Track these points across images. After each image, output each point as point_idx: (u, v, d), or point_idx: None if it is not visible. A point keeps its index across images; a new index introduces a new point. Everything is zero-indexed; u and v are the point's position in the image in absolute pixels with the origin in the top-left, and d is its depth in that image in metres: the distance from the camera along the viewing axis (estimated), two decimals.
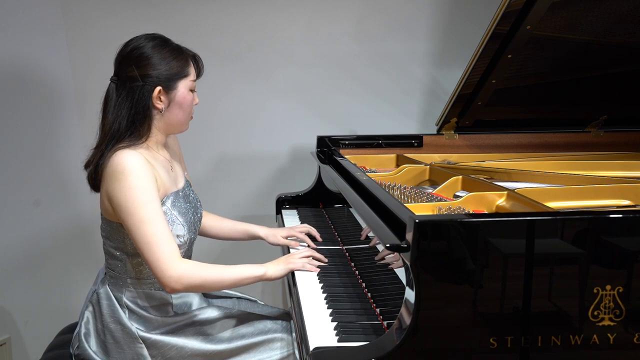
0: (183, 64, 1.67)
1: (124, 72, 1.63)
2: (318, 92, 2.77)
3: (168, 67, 1.63)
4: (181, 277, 1.52)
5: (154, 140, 1.69)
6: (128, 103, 1.62)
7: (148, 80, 1.61)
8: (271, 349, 1.65)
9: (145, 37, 1.66)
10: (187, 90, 1.68)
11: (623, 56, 2.16)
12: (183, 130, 1.75)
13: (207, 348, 1.63)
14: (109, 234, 1.66)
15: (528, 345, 1.16)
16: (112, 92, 1.65)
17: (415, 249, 1.13)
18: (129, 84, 1.62)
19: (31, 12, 2.52)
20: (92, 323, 1.68)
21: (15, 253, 2.53)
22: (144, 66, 1.62)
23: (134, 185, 1.53)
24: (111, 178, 1.56)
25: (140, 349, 1.61)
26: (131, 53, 1.64)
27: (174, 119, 1.68)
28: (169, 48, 1.66)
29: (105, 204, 1.62)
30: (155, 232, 1.52)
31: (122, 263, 1.66)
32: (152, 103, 1.63)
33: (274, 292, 2.94)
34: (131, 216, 1.52)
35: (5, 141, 2.46)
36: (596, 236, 1.17)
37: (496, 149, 2.46)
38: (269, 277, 1.65)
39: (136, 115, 1.62)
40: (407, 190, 1.77)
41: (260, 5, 2.69)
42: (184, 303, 1.72)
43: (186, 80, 1.67)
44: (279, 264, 1.68)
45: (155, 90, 1.62)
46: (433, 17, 2.72)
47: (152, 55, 1.63)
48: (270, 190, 2.73)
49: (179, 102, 1.66)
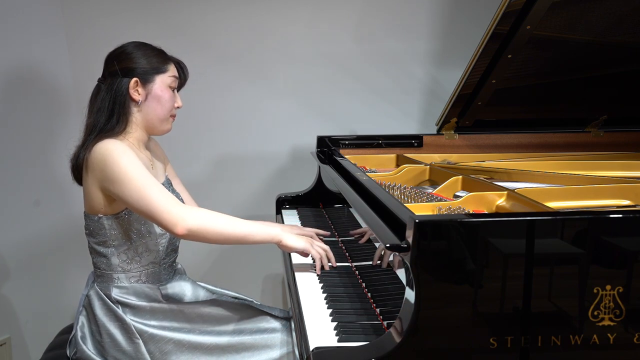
0: (162, 61, 1.74)
1: (107, 70, 1.72)
2: (318, 92, 2.77)
3: (147, 61, 1.71)
4: (191, 212, 1.54)
5: (134, 136, 1.73)
6: (108, 97, 1.68)
7: (127, 73, 1.69)
8: (271, 348, 1.65)
9: (132, 41, 1.77)
10: (165, 86, 1.73)
11: (623, 56, 2.16)
12: (165, 130, 1.78)
13: (205, 342, 1.63)
14: (92, 230, 1.69)
15: (528, 345, 1.15)
16: (97, 91, 1.73)
17: (415, 249, 1.13)
18: (110, 80, 1.69)
19: (31, 12, 2.52)
20: (87, 326, 1.69)
21: (15, 253, 2.53)
22: (124, 60, 1.70)
23: (121, 161, 1.57)
24: (97, 165, 1.60)
25: (138, 345, 1.62)
26: (115, 52, 1.74)
27: (151, 114, 1.72)
28: (150, 47, 1.75)
29: (90, 197, 1.65)
30: (152, 185, 1.55)
31: (107, 259, 1.68)
32: (129, 94, 1.68)
33: (274, 292, 2.94)
34: (126, 183, 1.56)
35: (5, 141, 2.46)
36: (596, 236, 1.17)
37: (496, 149, 2.46)
38: (282, 240, 1.63)
39: (114, 106, 1.68)
40: (407, 190, 1.76)
41: (261, 5, 2.68)
42: (175, 294, 1.73)
43: (164, 75, 1.73)
44: (299, 238, 1.66)
45: (132, 81, 1.68)
46: (433, 17, 2.72)
47: (133, 51, 1.72)
48: (270, 190, 2.73)
49: (156, 96, 1.71)
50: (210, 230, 1.56)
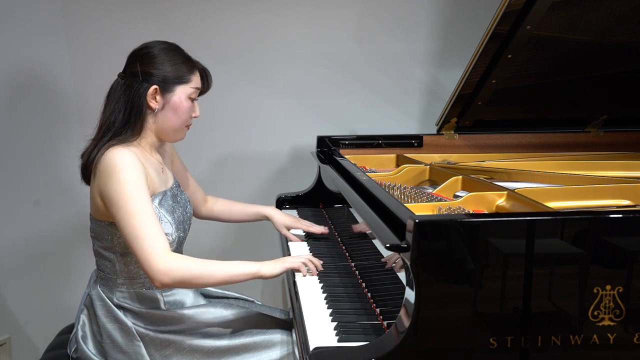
0: (187, 71, 1.67)
1: (129, 68, 1.66)
2: (318, 92, 2.77)
3: (170, 69, 1.65)
4: (169, 270, 1.50)
5: (147, 141, 1.69)
6: (125, 98, 1.64)
7: (148, 78, 1.63)
8: (271, 349, 1.65)
9: (159, 41, 1.70)
10: (185, 97, 1.67)
11: (623, 56, 2.16)
12: (178, 139, 1.75)
13: (205, 345, 1.63)
14: (98, 234, 1.67)
15: (528, 345, 1.16)
16: (116, 86, 1.67)
17: (415, 249, 1.13)
18: (130, 80, 1.64)
19: (31, 12, 2.52)
20: (88, 326, 1.69)
21: (15, 253, 2.53)
22: (147, 64, 1.64)
23: (124, 179, 1.53)
24: (102, 175, 1.57)
25: (138, 347, 1.61)
26: (140, 51, 1.68)
27: (166, 123, 1.68)
28: (177, 53, 1.68)
29: (96, 202, 1.63)
30: (144, 225, 1.51)
31: (112, 263, 1.66)
32: (146, 101, 1.64)
33: (274, 292, 2.94)
34: (120, 210, 1.52)
35: (5, 141, 2.46)
36: (596, 236, 1.17)
37: (496, 149, 2.46)
38: (263, 274, 1.60)
39: (131, 110, 1.63)
40: (407, 190, 1.77)
41: (261, 5, 2.68)
42: (176, 301, 1.72)
43: (186, 86, 1.67)
44: (275, 262, 1.64)
45: (151, 89, 1.63)
46: (433, 17, 2.72)
47: (157, 55, 1.65)
48: (270, 190, 2.73)
49: (173, 107, 1.66)
50: (189, 285, 1.59)
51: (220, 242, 2.83)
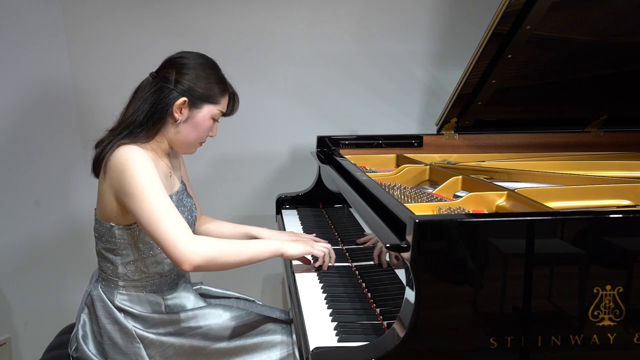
0: (219, 92, 1.68)
1: (163, 72, 1.66)
2: (318, 92, 2.77)
3: (204, 86, 1.65)
4: (197, 249, 1.50)
5: (158, 145, 1.69)
6: (152, 100, 1.63)
7: (179, 88, 1.63)
8: (271, 349, 1.65)
9: (199, 54, 1.70)
10: (209, 117, 1.68)
11: (623, 56, 2.16)
12: (188, 153, 1.76)
13: (205, 347, 1.63)
14: (101, 235, 1.67)
15: (528, 345, 1.16)
16: (145, 85, 1.67)
17: (415, 249, 1.13)
18: (161, 83, 1.64)
19: (31, 12, 2.52)
20: (89, 325, 1.68)
21: (15, 253, 2.53)
22: (183, 74, 1.64)
23: (137, 172, 1.53)
24: (114, 171, 1.56)
25: (138, 349, 1.61)
26: (178, 59, 1.68)
27: (183, 136, 1.68)
28: (214, 72, 1.69)
29: (103, 202, 1.62)
30: (164, 212, 1.51)
31: (114, 266, 1.66)
32: (172, 110, 1.64)
33: (274, 292, 2.94)
34: (138, 200, 1.52)
35: (5, 141, 2.46)
36: (596, 236, 1.17)
37: (496, 149, 2.46)
38: (285, 251, 1.63)
39: (154, 114, 1.63)
40: (407, 190, 1.76)
41: (261, 5, 2.69)
42: (177, 305, 1.71)
43: (214, 107, 1.68)
44: (298, 242, 1.67)
45: (180, 100, 1.63)
46: (433, 17, 2.72)
47: (194, 68, 1.66)
48: (270, 190, 2.73)
49: (196, 123, 1.67)
50: (217, 264, 1.55)
51: None
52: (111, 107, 1.72)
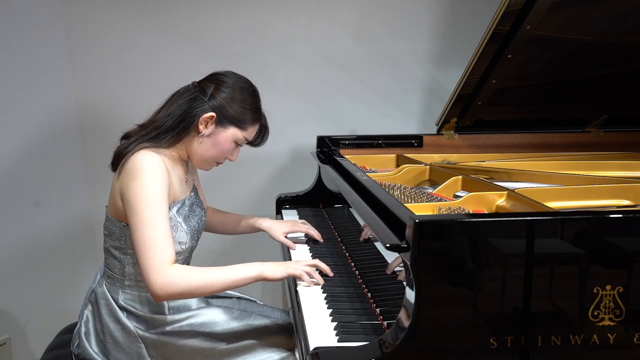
0: (249, 120, 1.68)
1: (203, 83, 1.68)
2: (318, 92, 2.77)
3: (236, 108, 1.65)
4: (166, 285, 1.49)
5: (177, 152, 1.69)
6: (184, 107, 1.64)
7: (212, 102, 1.64)
8: (271, 349, 1.65)
9: (243, 78, 1.72)
10: (232, 140, 1.68)
11: (623, 56, 2.16)
12: (202, 168, 1.75)
13: (206, 347, 1.63)
14: (111, 233, 1.67)
15: (528, 345, 1.16)
16: (184, 91, 1.68)
17: (415, 249, 1.13)
18: (197, 94, 1.65)
19: (31, 12, 2.52)
20: (92, 322, 1.69)
21: (15, 253, 2.53)
22: (220, 90, 1.65)
23: (145, 185, 1.53)
24: (127, 175, 1.57)
25: (140, 349, 1.62)
26: (220, 75, 1.69)
27: (202, 151, 1.68)
28: (251, 99, 1.69)
29: (115, 201, 1.63)
30: (154, 235, 1.51)
31: (121, 264, 1.66)
32: (198, 121, 1.63)
33: (273, 292, 2.95)
34: (135, 215, 1.52)
35: (5, 141, 2.46)
36: (596, 236, 1.18)
37: (496, 149, 2.46)
38: (266, 277, 1.58)
39: (182, 122, 1.63)
40: (407, 190, 1.77)
41: (261, 5, 2.69)
42: (180, 306, 1.71)
43: (239, 132, 1.68)
44: (279, 265, 1.61)
45: (209, 114, 1.63)
46: (433, 17, 2.72)
47: (232, 88, 1.66)
48: (270, 190, 2.73)
49: (217, 141, 1.67)
50: (191, 296, 1.56)
51: (219, 243, 2.83)
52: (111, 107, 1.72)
